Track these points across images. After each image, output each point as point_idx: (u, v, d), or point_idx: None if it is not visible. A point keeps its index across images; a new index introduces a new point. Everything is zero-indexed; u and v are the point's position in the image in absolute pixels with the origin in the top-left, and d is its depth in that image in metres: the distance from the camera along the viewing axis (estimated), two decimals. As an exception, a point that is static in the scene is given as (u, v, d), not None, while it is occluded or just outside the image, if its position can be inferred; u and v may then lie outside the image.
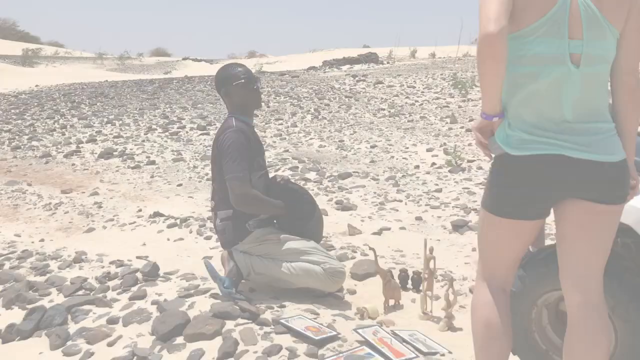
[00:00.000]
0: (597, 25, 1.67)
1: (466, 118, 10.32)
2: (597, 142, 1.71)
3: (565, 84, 1.70)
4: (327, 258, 3.09)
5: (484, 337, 1.92)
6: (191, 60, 45.81)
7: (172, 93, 17.13)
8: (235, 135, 3.06)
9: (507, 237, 1.89)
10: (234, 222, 3.15)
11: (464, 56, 26.74)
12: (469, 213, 4.84)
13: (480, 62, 1.65)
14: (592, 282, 1.81)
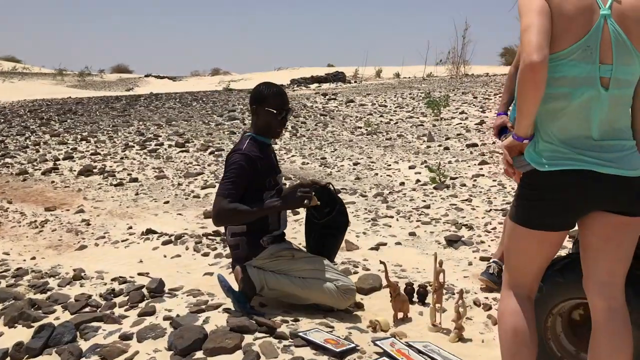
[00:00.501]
0: (626, 51, 1.81)
1: (442, 136, 10.55)
2: (622, 158, 1.84)
3: (594, 105, 1.83)
4: (339, 276, 3.16)
5: (512, 343, 2.00)
6: (154, 77, 45.39)
7: (142, 110, 17.01)
8: (239, 158, 3.10)
9: (534, 248, 1.99)
10: (247, 237, 3.19)
11: (429, 76, 27.31)
12: (460, 229, 4.97)
13: (522, 87, 1.76)
14: (616, 289, 1.93)
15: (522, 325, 1.99)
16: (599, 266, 1.94)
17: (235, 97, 20.02)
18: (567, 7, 1.79)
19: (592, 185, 1.84)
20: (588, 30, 1.79)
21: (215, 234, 4.92)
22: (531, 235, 1.96)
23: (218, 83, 37.09)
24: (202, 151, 9.89)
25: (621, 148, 1.86)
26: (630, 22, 1.82)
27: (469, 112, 13.81)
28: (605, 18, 1.81)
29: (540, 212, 1.93)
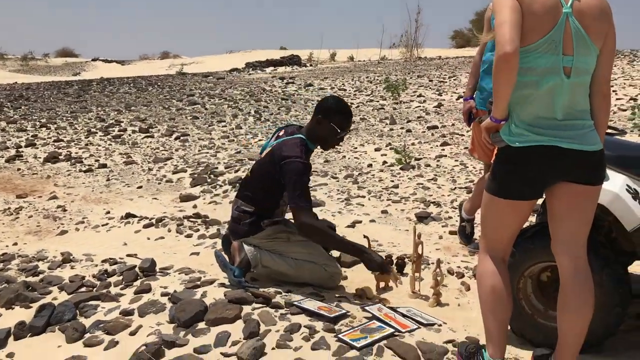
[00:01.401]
0: (584, 44, 2.09)
1: (403, 119, 10.87)
2: (582, 135, 2.13)
3: (558, 91, 2.11)
4: (330, 261, 3.41)
5: (491, 301, 2.28)
6: (101, 61, 44.19)
7: (98, 95, 16.78)
8: (304, 168, 3.19)
9: (507, 216, 2.26)
10: (252, 217, 3.37)
11: (383, 59, 27.66)
12: (428, 206, 5.28)
13: (498, 74, 2.02)
14: (580, 249, 2.23)
15: (499, 284, 2.26)
16: (565, 230, 2.23)
17: (190, 82, 19.89)
18: (536, 6, 2.06)
19: (557, 159, 2.12)
20: (553, 26, 2.07)
21: (196, 216, 5.07)
22: (505, 204, 2.23)
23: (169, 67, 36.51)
24: (167, 136, 9.92)
25: (581, 127, 2.15)
26: (588, 18, 2.10)
27: (426, 95, 14.20)
28: (567, 15, 2.08)
29: (513, 183, 2.19)
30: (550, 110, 2.12)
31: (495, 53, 2.02)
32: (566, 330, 2.22)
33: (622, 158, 2.63)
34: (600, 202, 2.49)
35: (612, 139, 2.76)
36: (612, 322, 2.57)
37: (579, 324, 2.20)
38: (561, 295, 2.24)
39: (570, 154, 2.11)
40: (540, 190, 2.23)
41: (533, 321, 2.72)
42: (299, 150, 3.21)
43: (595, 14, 2.11)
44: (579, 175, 2.16)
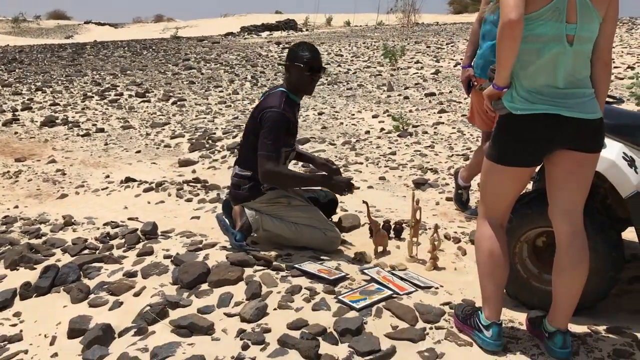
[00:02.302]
0: (588, 12, 2.10)
1: (401, 86, 10.84)
2: (583, 103, 2.16)
3: (560, 59, 2.13)
4: (329, 226, 3.45)
5: (488, 264, 2.33)
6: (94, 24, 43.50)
7: (92, 59, 16.64)
8: (279, 117, 3.25)
9: (507, 182, 2.30)
10: (251, 181, 3.40)
11: (379, 25, 27.38)
12: (425, 172, 5.33)
13: (502, 42, 2.03)
14: (577, 216, 2.28)
15: (497, 248, 2.32)
16: (564, 196, 2.28)
17: (185, 46, 19.70)
18: None
19: (558, 126, 2.15)
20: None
21: (196, 180, 5.11)
22: (506, 171, 2.27)
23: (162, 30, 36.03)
24: (164, 101, 9.88)
25: (582, 95, 2.17)
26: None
27: (424, 61, 14.13)
28: None
29: (514, 150, 2.23)
30: (553, 78, 2.14)
31: (499, 20, 2.03)
32: (561, 293, 2.29)
33: (619, 126, 2.67)
34: (597, 169, 2.53)
35: (609, 107, 2.79)
36: (605, 286, 2.65)
37: (574, 287, 2.26)
38: (557, 259, 2.30)
39: (571, 122, 2.14)
40: (540, 158, 2.27)
41: (528, 284, 2.79)
42: (277, 101, 3.30)
43: None
44: (578, 143, 2.19)
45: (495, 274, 2.33)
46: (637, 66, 11.37)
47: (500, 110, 2.22)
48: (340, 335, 2.38)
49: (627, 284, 3.11)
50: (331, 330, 2.40)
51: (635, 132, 2.67)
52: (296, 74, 3.34)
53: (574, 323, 2.49)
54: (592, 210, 2.60)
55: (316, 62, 3.36)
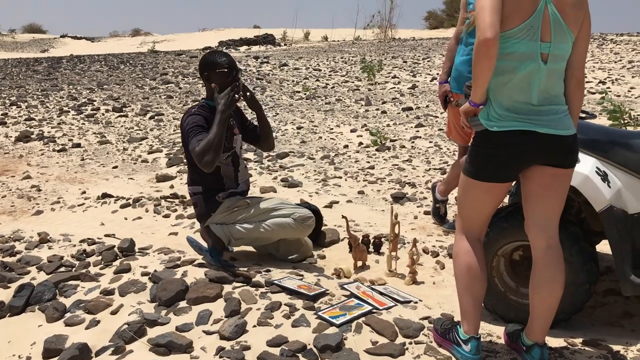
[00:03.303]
0: (561, 31, 2.16)
1: (378, 101, 10.93)
2: (557, 120, 2.21)
3: (535, 76, 2.17)
4: (295, 208, 3.42)
5: (466, 278, 2.36)
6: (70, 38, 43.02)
7: (68, 73, 16.48)
8: (192, 118, 3.29)
9: (484, 197, 2.34)
10: (204, 195, 3.41)
11: (357, 40, 27.60)
12: (403, 186, 5.37)
13: (478, 60, 2.07)
14: (552, 230, 2.32)
15: (474, 262, 2.35)
16: (539, 211, 2.32)
17: (163, 60, 19.62)
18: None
19: (534, 143, 2.19)
20: (532, 13, 2.12)
21: (174, 196, 5.07)
22: (482, 186, 2.31)
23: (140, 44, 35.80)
24: (141, 116, 9.82)
25: (556, 112, 2.22)
26: (565, 6, 2.16)
27: (401, 76, 14.26)
28: (546, 2, 2.14)
29: (490, 166, 2.27)
30: (528, 95, 2.18)
31: (475, 38, 2.07)
32: (537, 307, 2.32)
33: (592, 141, 2.73)
34: (572, 183, 2.59)
35: (582, 123, 2.85)
36: (581, 298, 2.69)
37: (550, 300, 2.30)
38: (533, 273, 2.34)
39: (546, 138, 2.18)
40: (516, 174, 2.30)
41: (505, 298, 2.83)
42: (191, 110, 3.37)
43: (572, 2, 2.16)
44: (553, 158, 2.24)
45: (473, 288, 2.35)
46: (608, 81, 11.63)
47: (477, 126, 2.26)
48: (320, 352, 2.38)
49: (602, 297, 3.16)
50: (311, 347, 2.40)
51: (608, 147, 2.73)
52: (209, 81, 3.37)
53: (551, 336, 2.52)
54: (567, 223, 2.65)
55: (220, 64, 3.36)
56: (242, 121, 3.65)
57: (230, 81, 3.37)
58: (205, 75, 3.41)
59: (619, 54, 15.25)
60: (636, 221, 2.67)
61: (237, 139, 3.53)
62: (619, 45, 17.05)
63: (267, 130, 3.63)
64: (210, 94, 3.42)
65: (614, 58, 14.65)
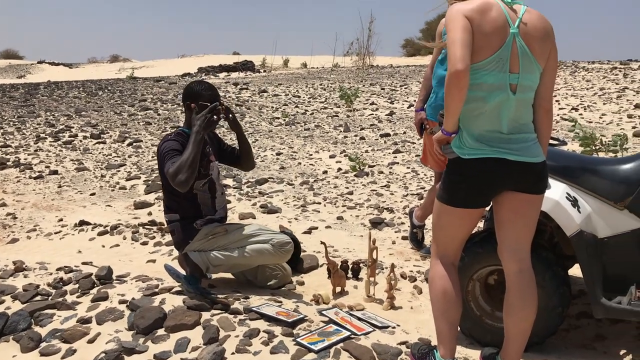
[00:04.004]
0: (529, 63, 2.25)
1: (357, 127, 11.05)
2: (526, 148, 2.28)
3: (504, 106, 2.25)
4: (273, 234, 3.44)
5: (442, 303, 2.39)
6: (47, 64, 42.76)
7: (46, 100, 16.38)
8: (168, 143, 3.32)
9: (457, 222, 2.39)
10: (182, 222, 3.43)
11: (336, 67, 27.91)
12: (382, 212, 5.42)
13: (449, 91, 2.15)
14: (524, 254, 2.38)
15: (450, 287, 2.39)
16: (510, 236, 2.38)
17: (142, 86, 19.62)
18: (486, 26, 2.20)
19: (504, 170, 2.26)
20: (501, 45, 2.21)
21: (152, 223, 5.06)
22: (456, 212, 2.36)
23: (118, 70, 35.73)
24: (119, 142, 9.79)
25: (525, 140, 2.30)
26: (532, 39, 2.26)
27: (379, 103, 14.45)
28: (514, 35, 2.23)
29: (463, 193, 2.32)
30: (497, 124, 2.26)
31: (447, 70, 2.15)
32: (512, 330, 2.36)
33: (563, 168, 2.82)
34: (543, 209, 2.66)
35: (553, 150, 2.94)
36: (554, 321, 2.74)
37: (524, 323, 2.34)
38: (507, 297, 2.39)
39: (516, 165, 2.25)
40: (488, 200, 2.37)
41: (481, 322, 2.87)
42: (168, 136, 3.39)
43: (540, 35, 2.26)
44: (524, 185, 2.30)
45: (449, 312, 2.39)
46: (580, 107, 11.92)
47: (450, 154, 2.33)
48: (298, 378, 2.38)
49: (576, 320, 3.22)
50: (290, 373, 2.41)
51: (578, 174, 2.82)
52: (190, 111, 3.40)
53: (525, 359, 2.56)
54: (539, 248, 2.72)
55: (202, 95, 3.41)
56: (219, 146, 3.68)
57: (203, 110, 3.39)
58: (187, 104, 3.45)
59: (590, 82, 15.64)
60: (606, 245, 2.75)
61: (213, 165, 3.55)
62: (590, 73, 17.50)
63: (246, 148, 3.66)
64: (189, 122, 3.45)
65: (586, 85, 15.03)
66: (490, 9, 2.20)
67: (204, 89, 3.45)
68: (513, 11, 2.24)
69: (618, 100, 12.50)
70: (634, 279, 2.72)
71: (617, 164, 2.83)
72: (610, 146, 7.12)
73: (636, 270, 2.74)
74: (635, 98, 12.50)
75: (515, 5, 2.26)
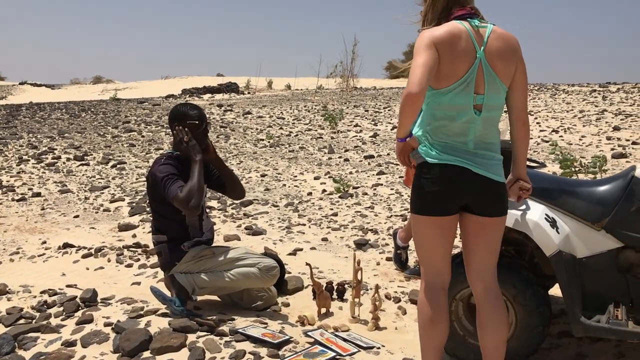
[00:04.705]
0: (494, 84, 2.34)
1: (341, 149, 11.14)
2: (490, 165, 2.37)
3: (471, 125, 2.34)
4: (260, 258, 3.48)
5: (429, 330, 2.40)
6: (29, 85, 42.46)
7: (28, 121, 16.28)
8: (165, 167, 3.37)
9: (432, 233, 2.40)
10: (169, 244, 3.45)
11: (319, 89, 28.12)
12: (366, 233, 5.47)
13: (404, 108, 2.23)
14: (489, 274, 2.45)
15: (438, 316, 2.39)
16: (474, 258, 2.45)
17: (125, 108, 19.60)
18: (454, 53, 2.28)
19: (467, 180, 2.32)
20: (468, 69, 2.30)
21: (136, 245, 5.05)
22: (427, 222, 2.39)
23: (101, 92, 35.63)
24: (103, 164, 9.77)
25: (490, 158, 2.38)
26: (498, 60, 2.34)
27: (363, 125, 14.58)
28: (481, 59, 2.32)
29: (429, 197, 2.35)
30: (464, 141, 2.34)
31: (405, 89, 2.22)
32: (487, 346, 2.42)
33: (542, 189, 2.90)
34: (523, 229, 2.74)
35: (532, 172, 3.02)
36: (535, 340, 2.79)
37: (497, 338, 2.40)
38: (478, 316, 2.46)
39: (478, 179, 2.33)
40: (453, 207, 2.38)
41: (464, 342, 2.91)
42: (160, 160, 3.44)
43: (505, 56, 2.35)
44: (483, 203, 2.37)
45: (435, 338, 2.41)
46: (560, 129, 12.14)
47: (418, 158, 2.40)
48: (284, 399, 2.40)
49: (557, 339, 3.27)
50: (276, 394, 2.42)
51: (556, 195, 2.90)
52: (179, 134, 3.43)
53: (508, 378, 2.60)
54: (520, 268, 2.79)
55: (190, 116, 3.47)
56: (207, 170, 3.72)
57: (200, 133, 3.47)
58: (174, 126, 3.48)
59: (570, 104, 15.95)
60: (584, 265, 2.82)
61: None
62: (570, 96, 17.85)
63: (227, 175, 3.68)
64: (177, 145, 3.50)
65: (566, 107, 15.32)
66: (459, 35, 2.29)
67: (189, 109, 3.52)
68: (479, 34, 2.32)
69: (597, 122, 12.76)
70: (612, 297, 2.79)
71: (594, 186, 2.92)
72: (590, 167, 7.27)
73: (614, 289, 2.81)
74: (614, 120, 12.77)
75: (481, 28, 2.34)
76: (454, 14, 2.36)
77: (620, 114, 13.45)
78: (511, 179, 2.54)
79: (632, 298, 2.80)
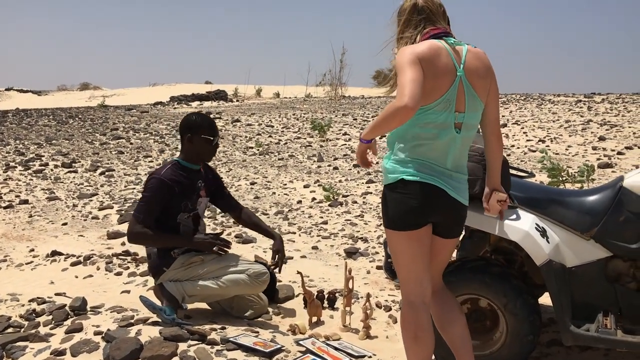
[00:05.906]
0: (474, 101, 2.38)
1: (330, 157, 11.17)
2: (461, 188, 2.42)
3: (452, 144, 2.36)
4: (249, 265, 3.48)
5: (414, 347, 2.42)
6: (16, 91, 42.11)
7: (15, 128, 16.19)
8: (156, 183, 3.36)
9: (407, 247, 2.39)
10: (159, 251, 3.46)
11: (308, 97, 28.19)
12: (356, 241, 5.49)
13: (391, 119, 2.21)
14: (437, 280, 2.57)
15: (421, 334, 2.39)
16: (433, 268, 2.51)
17: (113, 115, 19.54)
18: (436, 70, 2.29)
19: (440, 200, 2.35)
20: (449, 87, 2.32)
21: (126, 253, 5.02)
22: (401, 236, 2.39)
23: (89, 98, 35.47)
24: (91, 172, 9.72)
25: (462, 180, 2.43)
26: (476, 78, 2.37)
27: (351, 133, 14.62)
28: (460, 77, 2.34)
29: (400, 211, 2.36)
30: (443, 160, 2.36)
31: (396, 100, 2.20)
32: (455, 340, 2.51)
33: (532, 199, 2.93)
34: (513, 239, 2.77)
35: (522, 182, 3.06)
36: (525, 349, 2.82)
37: (458, 327, 2.50)
38: (434, 316, 2.54)
39: (450, 200, 2.36)
40: (423, 220, 2.38)
41: (455, 351, 2.92)
42: (162, 169, 3.44)
43: (481, 73, 2.38)
44: (447, 223, 2.44)
45: (421, 354, 2.42)
46: (547, 139, 12.26)
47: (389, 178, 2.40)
48: (277, 408, 2.39)
49: (546, 347, 3.30)
50: (268, 404, 2.42)
51: (546, 205, 2.93)
52: (200, 145, 3.45)
53: (499, 386, 2.62)
54: (511, 277, 2.82)
55: (216, 130, 3.52)
56: (218, 188, 3.71)
57: (211, 148, 3.48)
58: (188, 136, 3.46)
59: (556, 114, 16.10)
60: (574, 274, 2.85)
61: (201, 201, 3.59)
62: (556, 106, 18.02)
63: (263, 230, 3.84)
64: (187, 153, 3.49)
65: (552, 117, 15.46)
66: (439, 52, 2.31)
67: (204, 121, 3.50)
68: (456, 52, 2.35)
69: (583, 132, 12.90)
70: (601, 306, 2.83)
71: (584, 196, 2.96)
72: (577, 177, 7.34)
73: (603, 298, 2.84)
74: (599, 130, 12.92)
75: (457, 46, 2.37)
76: (429, 33, 2.38)
77: (605, 124, 13.60)
78: (487, 191, 2.57)
79: (621, 307, 2.83)
